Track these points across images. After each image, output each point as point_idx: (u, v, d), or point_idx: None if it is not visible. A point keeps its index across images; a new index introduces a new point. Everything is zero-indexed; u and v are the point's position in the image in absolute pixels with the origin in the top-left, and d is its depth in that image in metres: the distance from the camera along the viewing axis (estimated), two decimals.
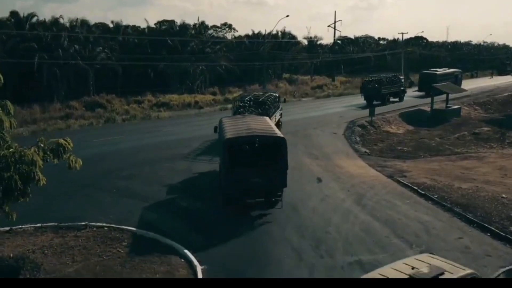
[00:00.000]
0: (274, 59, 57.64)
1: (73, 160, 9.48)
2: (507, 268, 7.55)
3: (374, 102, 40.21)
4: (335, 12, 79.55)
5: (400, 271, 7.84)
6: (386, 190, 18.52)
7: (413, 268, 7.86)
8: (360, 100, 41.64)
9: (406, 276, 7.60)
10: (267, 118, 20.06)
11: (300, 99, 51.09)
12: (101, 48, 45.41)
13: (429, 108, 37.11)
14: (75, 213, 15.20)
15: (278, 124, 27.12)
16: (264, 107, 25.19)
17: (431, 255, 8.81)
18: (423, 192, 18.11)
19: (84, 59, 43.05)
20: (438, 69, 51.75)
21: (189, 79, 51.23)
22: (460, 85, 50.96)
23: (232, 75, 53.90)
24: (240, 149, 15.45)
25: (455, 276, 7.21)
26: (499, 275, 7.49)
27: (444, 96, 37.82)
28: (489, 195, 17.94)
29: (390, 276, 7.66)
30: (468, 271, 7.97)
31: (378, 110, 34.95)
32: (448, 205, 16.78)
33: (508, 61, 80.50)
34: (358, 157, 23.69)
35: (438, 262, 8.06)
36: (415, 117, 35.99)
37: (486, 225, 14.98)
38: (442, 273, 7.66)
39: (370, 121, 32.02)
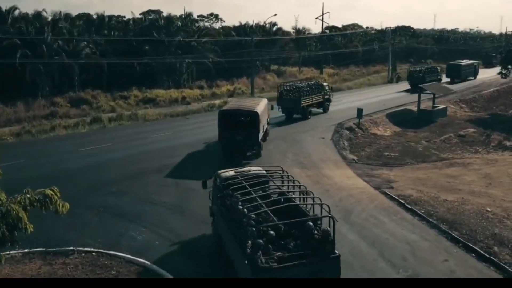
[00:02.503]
0: (261, 50, 57.02)
1: (60, 205, 9.33)
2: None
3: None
4: (323, 3, 79.30)
5: (233, 170, 13.90)
6: (374, 204, 18.66)
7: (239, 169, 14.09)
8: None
9: (233, 171, 13.77)
10: (263, 100, 27.39)
11: None
12: (85, 43, 44.45)
13: (416, 108, 37.31)
14: (62, 236, 15.06)
15: (322, 103, 37.24)
16: (298, 91, 34.63)
17: (259, 166, 14.89)
18: (409, 207, 18.30)
19: (68, 54, 42.21)
20: (462, 61, 63.87)
21: (175, 73, 50.60)
22: (477, 73, 63.82)
23: (220, 68, 53.38)
24: (229, 118, 23.67)
25: (255, 174, 13.64)
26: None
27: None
28: (474, 209, 18.25)
29: (227, 173, 13.77)
30: (257, 171, 13.88)
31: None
32: (434, 221, 17.00)
33: (494, 54, 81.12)
34: (346, 166, 23.78)
35: (257, 168, 14.41)
36: (402, 117, 36.15)
37: (471, 245, 15.22)
38: (250, 171, 13.91)
39: (357, 123, 32.13)
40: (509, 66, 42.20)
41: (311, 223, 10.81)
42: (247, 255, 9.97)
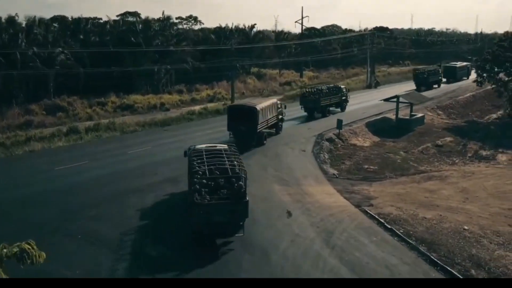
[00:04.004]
0: (241, 58, 56.64)
1: (36, 255, 9.04)
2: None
3: (422, 88, 54.17)
4: (302, 7, 79.36)
5: (205, 145, 19.60)
6: (354, 224, 18.77)
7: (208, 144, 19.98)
8: None
9: (204, 146, 19.43)
10: (271, 100, 32.31)
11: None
12: (60, 49, 43.34)
13: (395, 116, 37.72)
14: (39, 267, 14.61)
15: (340, 103, 41.73)
16: (317, 93, 39.78)
17: (224, 143, 20.99)
18: (389, 226, 18.48)
19: (43, 61, 41.15)
20: (457, 63, 70.24)
21: (153, 78, 49.90)
22: (470, 74, 66.62)
23: (199, 72, 52.89)
24: (234, 112, 29.03)
25: (215, 148, 19.12)
26: None
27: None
28: (452, 227, 18.57)
29: (198, 146, 19.38)
30: (219, 147, 19.34)
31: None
32: (413, 242, 17.21)
33: (470, 57, 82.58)
34: (327, 181, 23.83)
35: (222, 145, 19.85)
36: (381, 126, 36.43)
37: (449, 268, 15.47)
38: (215, 147, 19.21)
39: (337, 134, 32.28)
40: (485, 75, 43.17)
41: (233, 179, 16.07)
42: (189, 195, 15.83)
